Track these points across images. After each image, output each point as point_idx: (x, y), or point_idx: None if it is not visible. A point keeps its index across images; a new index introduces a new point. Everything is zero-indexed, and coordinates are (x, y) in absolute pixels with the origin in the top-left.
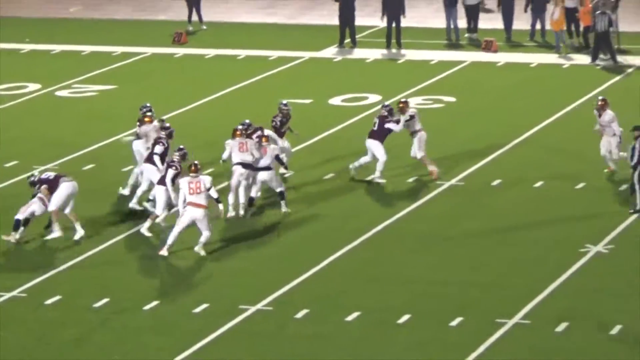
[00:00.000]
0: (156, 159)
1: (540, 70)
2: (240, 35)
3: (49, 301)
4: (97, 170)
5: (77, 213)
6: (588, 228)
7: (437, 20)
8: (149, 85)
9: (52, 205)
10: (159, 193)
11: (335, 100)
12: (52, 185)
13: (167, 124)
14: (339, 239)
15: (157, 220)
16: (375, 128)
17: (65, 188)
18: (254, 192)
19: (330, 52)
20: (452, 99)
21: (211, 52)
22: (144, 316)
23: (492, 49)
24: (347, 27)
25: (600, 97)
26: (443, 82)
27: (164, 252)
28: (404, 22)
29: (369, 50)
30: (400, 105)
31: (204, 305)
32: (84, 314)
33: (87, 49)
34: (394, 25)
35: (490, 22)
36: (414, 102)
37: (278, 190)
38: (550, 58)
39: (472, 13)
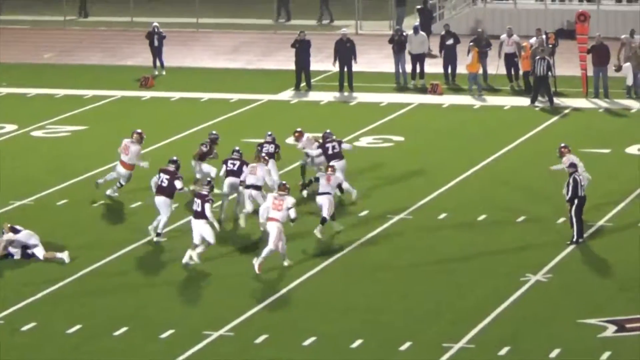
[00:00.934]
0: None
1: (483, 112)
2: (204, 79)
3: (24, 327)
4: (70, 206)
5: (52, 250)
6: (528, 258)
7: (387, 65)
8: (118, 125)
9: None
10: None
11: (292, 140)
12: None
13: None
14: (295, 269)
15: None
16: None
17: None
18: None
19: (287, 94)
20: (401, 138)
21: (176, 95)
22: (114, 341)
23: (437, 92)
24: (302, 71)
25: (562, 144)
26: (392, 123)
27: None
28: (356, 67)
29: (323, 93)
30: (296, 134)
31: (170, 331)
32: (58, 339)
33: (60, 92)
34: (346, 69)
35: (437, 66)
36: (366, 141)
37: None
38: (492, 100)
39: (418, 60)
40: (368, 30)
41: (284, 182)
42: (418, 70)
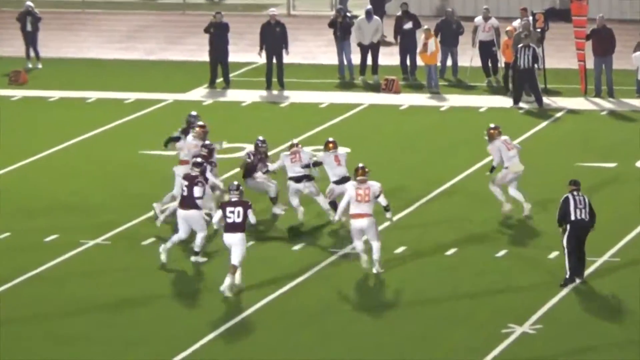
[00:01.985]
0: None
1: (451, 114)
2: (91, 74)
3: None
4: None
5: None
6: (511, 304)
7: (327, 55)
8: None
9: None
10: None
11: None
12: None
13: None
14: (221, 316)
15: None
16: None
17: None
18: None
19: (198, 93)
20: (347, 150)
21: (55, 94)
22: None
23: (393, 90)
24: (218, 63)
25: (493, 125)
26: (335, 130)
27: (378, 269)
28: (287, 58)
29: (245, 92)
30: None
31: None
32: None
33: None
34: (275, 61)
35: (392, 57)
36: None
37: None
38: (464, 100)
39: (371, 50)
40: (303, 10)
41: (361, 164)
42: (370, 62)
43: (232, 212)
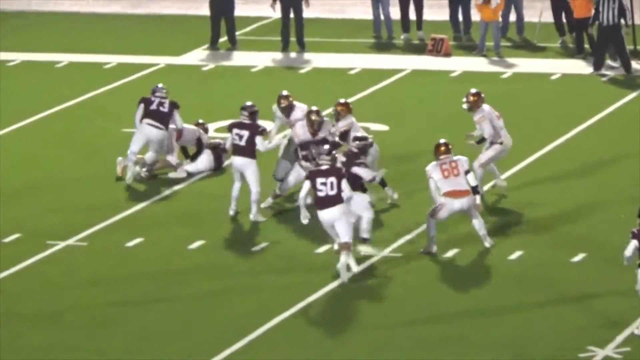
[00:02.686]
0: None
1: (515, 84)
2: (61, 32)
3: None
4: None
5: None
6: (592, 322)
7: (359, 8)
8: None
9: None
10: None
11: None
12: None
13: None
14: None
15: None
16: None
17: None
18: None
19: (197, 56)
20: (384, 127)
21: (17, 57)
22: None
23: (442, 51)
24: (222, 18)
25: (474, 90)
26: (370, 102)
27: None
28: (308, 12)
29: (255, 54)
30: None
31: None
32: None
33: None
34: (292, 15)
35: (440, 11)
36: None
37: None
38: (532, 64)
39: (412, 2)
40: None
41: (443, 140)
42: (413, 17)
43: (324, 183)
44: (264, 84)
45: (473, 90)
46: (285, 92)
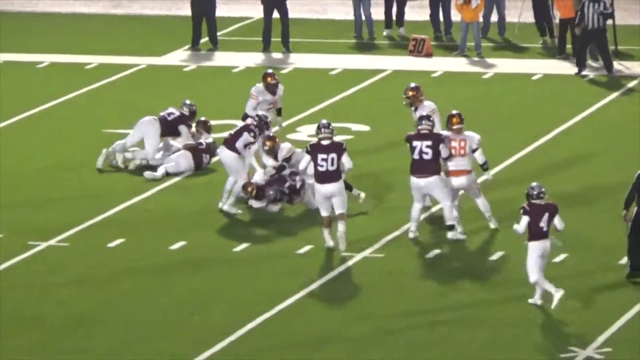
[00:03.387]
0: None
1: (496, 84)
2: (43, 33)
3: None
4: None
5: None
6: (573, 323)
7: (341, 9)
8: None
9: None
10: None
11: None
12: None
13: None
14: None
15: None
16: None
17: None
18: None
19: (178, 57)
20: (365, 128)
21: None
22: None
23: (424, 51)
24: (203, 18)
25: (412, 85)
26: (350, 103)
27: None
28: (292, 12)
29: (237, 55)
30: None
31: None
32: None
33: None
34: (276, 15)
35: (422, 10)
36: (307, 133)
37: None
38: (513, 65)
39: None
40: None
41: (456, 111)
42: (394, 15)
43: (325, 159)
44: (245, 85)
45: (412, 85)
46: (270, 70)
